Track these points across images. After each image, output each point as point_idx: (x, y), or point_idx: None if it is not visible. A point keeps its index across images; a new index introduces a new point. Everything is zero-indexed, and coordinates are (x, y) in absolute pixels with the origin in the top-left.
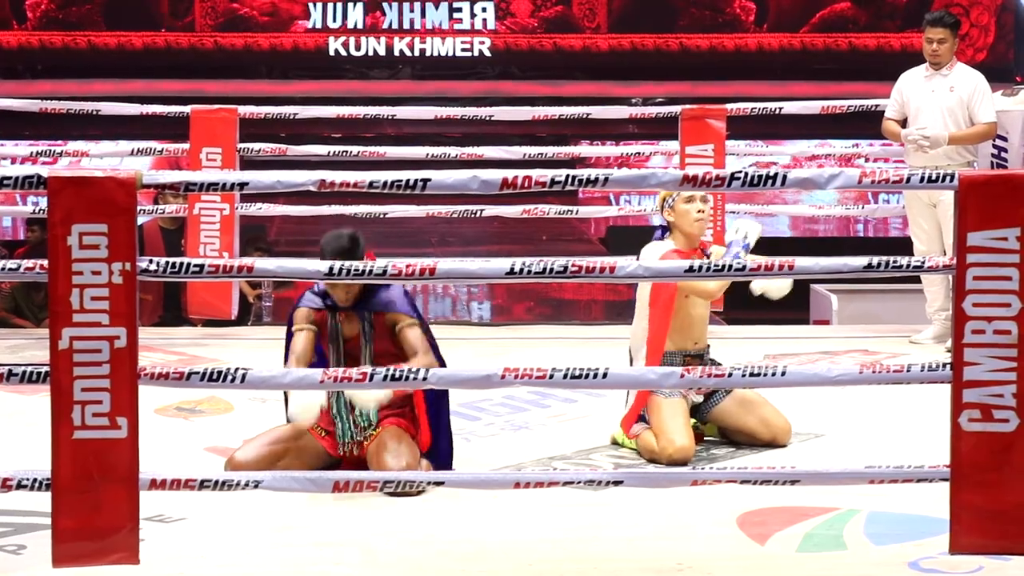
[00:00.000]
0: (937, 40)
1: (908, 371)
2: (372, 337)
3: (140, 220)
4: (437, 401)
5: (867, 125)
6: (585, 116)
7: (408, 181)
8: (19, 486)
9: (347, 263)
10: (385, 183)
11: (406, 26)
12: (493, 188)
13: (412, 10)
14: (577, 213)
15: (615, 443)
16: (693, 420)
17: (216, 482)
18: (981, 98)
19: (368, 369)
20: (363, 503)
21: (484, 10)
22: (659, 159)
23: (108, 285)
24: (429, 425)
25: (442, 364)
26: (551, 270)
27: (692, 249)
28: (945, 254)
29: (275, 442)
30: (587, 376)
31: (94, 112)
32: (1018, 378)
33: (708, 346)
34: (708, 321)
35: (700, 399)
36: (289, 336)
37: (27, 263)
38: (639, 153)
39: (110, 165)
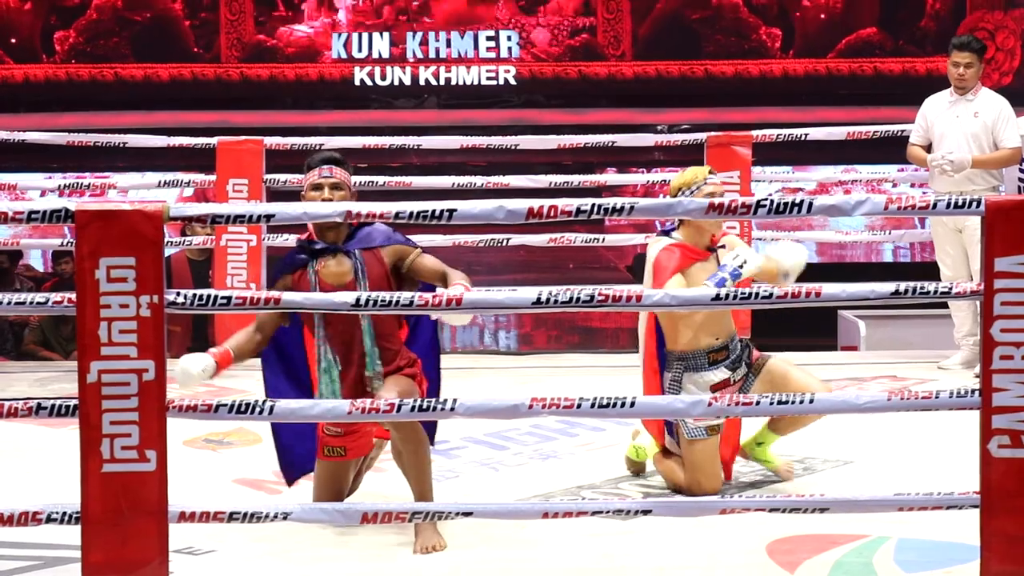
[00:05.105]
0: (964, 64)
1: (937, 397)
2: (366, 276)
3: (168, 252)
4: (429, 352)
5: (893, 151)
6: (611, 144)
7: (434, 212)
8: (49, 519)
9: (373, 295)
10: (411, 213)
11: (431, 55)
12: (519, 218)
13: (437, 39)
14: (603, 241)
15: (631, 460)
16: None
17: (245, 514)
18: (1005, 123)
19: (396, 400)
20: (391, 532)
21: (509, 38)
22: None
23: (136, 318)
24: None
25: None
26: (578, 299)
27: (701, 249)
28: (972, 279)
29: (337, 480)
30: (615, 405)
31: (121, 144)
32: None
33: (734, 335)
34: (730, 313)
35: None
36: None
37: (55, 296)
38: (665, 181)
39: (139, 197)
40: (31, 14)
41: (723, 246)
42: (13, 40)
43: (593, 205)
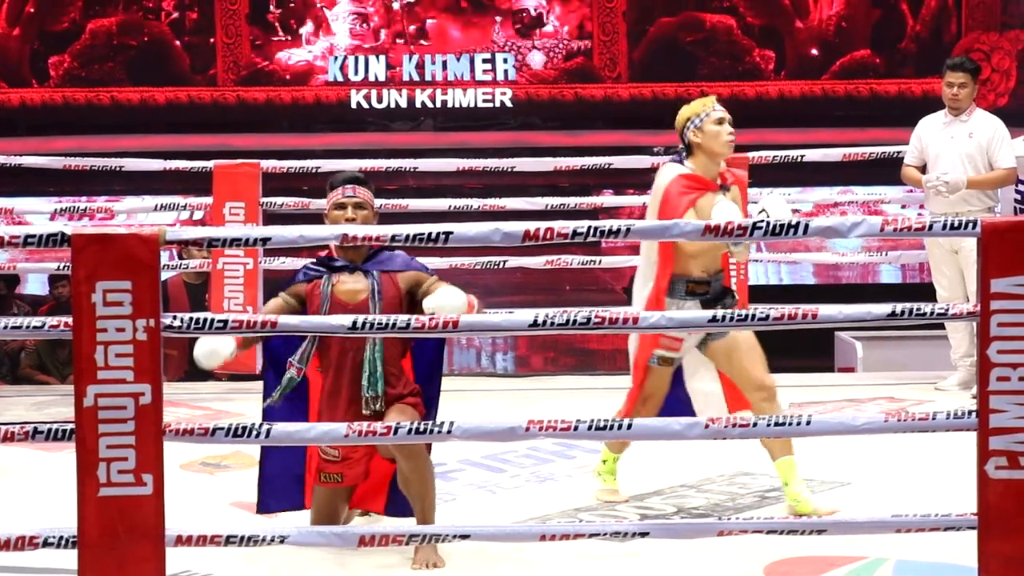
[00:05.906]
0: (958, 84)
1: (934, 419)
2: (381, 297)
3: (164, 275)
4: (431, 373)
5: (889, 172)
6: (607, 166)
7: (430, 234)
8: (45, 544)
9: (370, 317)
10: (407, 236)
11: (428, 78)
12: (515, 240)
13: (434, 62)
14: (600, 263)
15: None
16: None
17: (242, 538)
18: (1000, 144)
19: (393, 423)
20: (388, 555)
21: (505, 61)
22: None
23: (132, 342)
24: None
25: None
26: (574, 322)
27: (711, 180)
28: (968, 300)
29: (333, 506)
30: (612, 427)
31: (117, 168)
32: None
33: (719, 272)
34: (723, 249)
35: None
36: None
37: (51, 320)
38: None
39: (136, 220)
40: (19, 39)
41: (727, 189)
42: None
43: (589, 227)
